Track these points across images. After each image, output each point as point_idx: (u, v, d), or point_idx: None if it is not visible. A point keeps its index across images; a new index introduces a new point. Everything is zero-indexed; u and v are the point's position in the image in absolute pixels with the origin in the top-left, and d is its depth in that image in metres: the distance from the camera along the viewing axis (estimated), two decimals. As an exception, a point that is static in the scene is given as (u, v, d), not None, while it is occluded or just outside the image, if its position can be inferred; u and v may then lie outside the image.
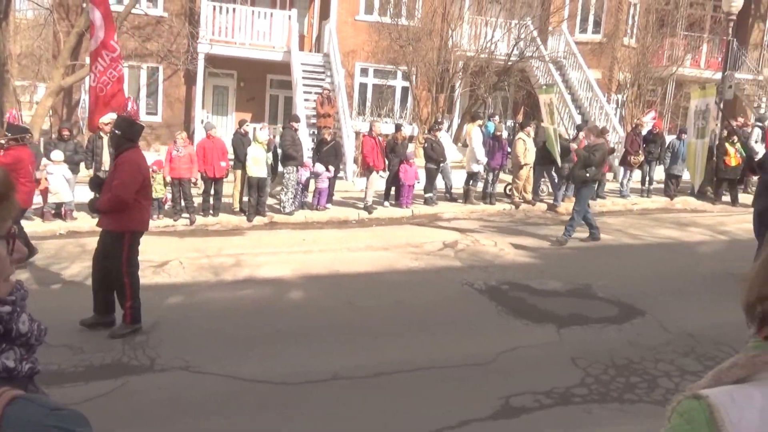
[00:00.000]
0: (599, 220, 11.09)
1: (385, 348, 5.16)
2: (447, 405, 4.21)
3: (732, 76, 14.05)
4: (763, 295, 1.02)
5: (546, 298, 6.62)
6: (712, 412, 0.96)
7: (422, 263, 7.96)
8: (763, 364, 1.00)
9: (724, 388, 1.01)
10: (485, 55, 15.74)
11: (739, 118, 15.50)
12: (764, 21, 21.51)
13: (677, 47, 18.91)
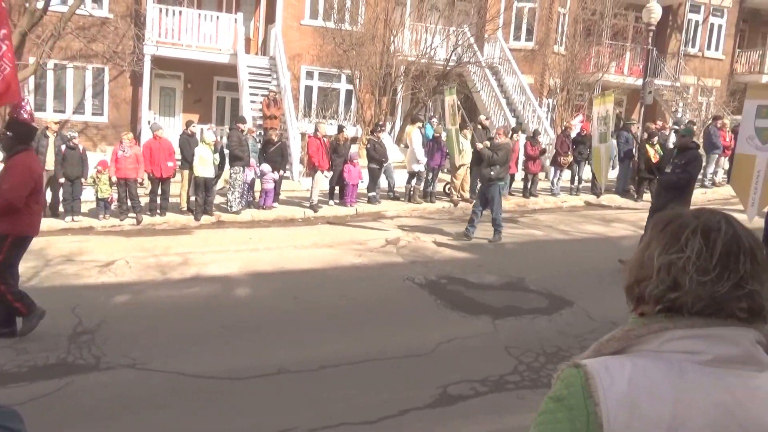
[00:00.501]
0: (532, 217, 11.77)
1: (330, 341, 5.36)
2: (388, 395, 4.38)
3: (652, 83, 15.11)
4: (639, 278, 1.12)
5: (482, 291, 6.97)
6: (587, 378, 1.06)
7: (366, 260, 8.30)
8: (636, 337, 1.11)
9: (601, 358, 1.12)
10: (425, 60, 16.26)
11: (657, 121, 16.57)
12: (681, 32, 22.98)
13: (603, 55, 19.97)
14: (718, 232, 1.08)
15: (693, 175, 7.44)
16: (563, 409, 1.08)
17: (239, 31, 16.28)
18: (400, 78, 16.99)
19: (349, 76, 16.83)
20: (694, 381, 1.04)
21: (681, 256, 1.07)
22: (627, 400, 1.03)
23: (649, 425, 1.02)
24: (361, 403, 4.30)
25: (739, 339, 1.06)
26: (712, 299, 1.05)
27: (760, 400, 1.04)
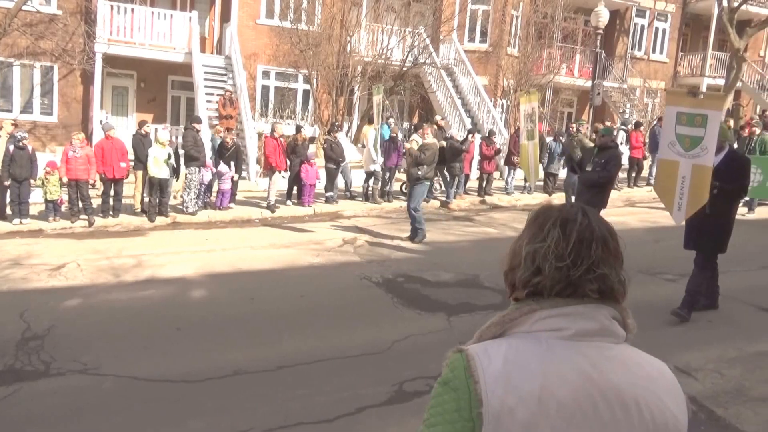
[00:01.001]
0: (487, 215, 12.01)
1: (287, 341, 5.38)
2: (345, 393, 4.43)
3: (600, 84, 15.60)
4: (512, 266, 1.27)
5: (438, 288, 7.08)
6: (468, 360, 1.18)
7: (323, 259, 8.34)
8: (511, 320, 1.23)
9: (483, 342, 1.24)
10: (382, 61, 16.37)
11: (606, 121, 17.11)
12: (628, 35, 23.77)
13: (554, 57, 20.51)
14: (574, 223, 1.22)
15: (612, 173, 7.56)
16: (449, 391, 1.19)
17: (194, 30, 16.06)
18: (357, 78, 17.06)
19: (306, 76, 16.81)
20: (559, 354, 1.17)
21: (543, 245, 1.22)
22: (502, 376, 1.15)
23: (522, 396, 1.13)
24: (318, 402, 4.34)
25: (595, 315, 1.20)
26: (568, 282, 1.19)
27: (615, 368, 1.17)
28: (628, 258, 1.24)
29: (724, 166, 5.91)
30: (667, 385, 1.21)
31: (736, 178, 5.90)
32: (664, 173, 6.38)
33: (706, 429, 3.97)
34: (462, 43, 19.68)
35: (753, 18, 22.86)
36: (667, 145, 6.24)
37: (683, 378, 4.69)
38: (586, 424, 1.13)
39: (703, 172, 5.87)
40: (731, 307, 6.51)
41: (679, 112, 6.06)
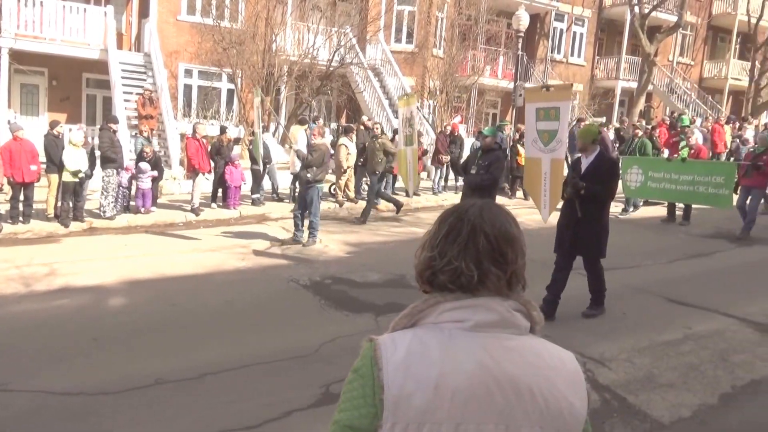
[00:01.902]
0: (414, 215, 12.16)
1: (211, 348, 5.26)
2: (271, 398, 4.36)
3: (522, 86, 16.09)
4: (420, 260, 1.36)
5: (366, 289, 7.10)
6: (375, 350, 1.25)
7: (250, 263, 8.20)
8: (419, 312, 1.30)
9: (393, 333, 1.30)
10: (308, 60, 16.25)
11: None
12: (547, 39, 24.70)
13: (478, 59, 21.02)
14: (463, 221, 1.30)
15: (496, 175, 7.41)
16: (358, 378, 1.26)
17: (110, 25, 15.38)
18: (283, 78, 16.86)
19: (230, 75, 16.45)
20: (460, 344, 1.23)
21: (439, 240, 1.31)
22: (403, 364, 1.21)
23: (419, 383, 1.19)
24: (243, 408, 4.26)
25: (496, 307, 1.26)
26: (458, 275, 1.27)
27: (513, 357, 1.23)
28: (550, 252, 1.31)
29: (593, 168, 5.87)
30: (567, 374, 1.26)
31: (604, 180, 5.83)
32: (531, 172, 6.36)
33: (619, 416, 4.16)
34: (388, 44, 19.84)
35: (662, 24, 24.23)
36: (531, 143, 6.24)
37: (598, 368, 4.91)
38: (480, 410, 1.19)
39: (558, 166, 5.91)
40: (643, 299, 6.89)
41: (538, 108, 6.06)
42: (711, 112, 25.22)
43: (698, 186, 10.07)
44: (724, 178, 9.82)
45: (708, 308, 6.54)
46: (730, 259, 9.00)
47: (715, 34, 30.18)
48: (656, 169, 10.74)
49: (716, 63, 29.70)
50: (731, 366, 5.03)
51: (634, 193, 11.48)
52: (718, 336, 5.72)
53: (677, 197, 10.78)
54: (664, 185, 10.60)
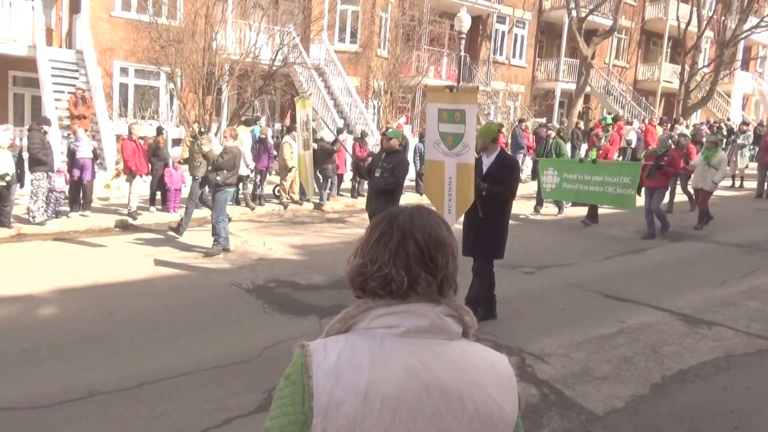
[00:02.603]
0: (360, 217, 12.16)
1: (149, 356, 5.12)
2: (212, 405, 4.28)
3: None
4: (352, 266, 1.35)
5: (310, 292, 7.05)
6: (307, 356, 1.24)
7: (191, 268, 8.01)
8: (352, 317, 1.29)
9: (325, 338, 1.29)
10: (250, 59, 16.00)
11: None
12: (490, 40, 25.17)
13: (422, 59, 21.22)
14: (394, 227, 1.30)
15: (400, 178, 7.04)
16: (289, 384, 1.25)
17: (38, 21, 14.67)
18: (225, 77, 16.54)
19: (169, 73, 16.01)
20: (390, 350, 1.22)
21: (370, 247, 1.30)
22: (333, 371, 1.21)
23: (348, 390, 1.19)
24: (182, 417, 4.16)
25: (426, 312, 1.26)
26: (389, 281, 1.26)
27: (442, 363, 1.23)
28: None
29: (494, 168, 5.76)
30: (498, 378, 1.28)
31: (505, 180, 5.72)
32: (432, 175, 6.07)
33: (556, 410, 4.27)
34: (332, 44, 19.77)
35: (599, 28, 25.08)
36: (432, 145, 5.97)
37: (538, 364, 5.04)
38: (409, 417, 1.19)
39: (467, 171, 5.66)
40: (580, 295, 7.11)
41: (440, 108, 5.79)
42: (645, 113, 26.27)
43: (607, 187, 10.27)
44: (630, 178, 10.03)
45: (640, 302, 6.80)
46: (662, 254, 9.38)
47: (648, 38, 31.46)
48: (570, 171, 10.89)
49: (649, 66, 30.96)
50: (661, 357, 5.24)
51: (550, 194, 11.56)
52: (649, 329, 5.95)
53: (589, 198, 10.86)
54: (578, 186, 10.76)
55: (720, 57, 25.46)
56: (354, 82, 19.91)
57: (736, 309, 6.62)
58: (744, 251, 9.53)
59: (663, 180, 10.37)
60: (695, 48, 26.51)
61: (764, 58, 35.11)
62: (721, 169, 11.17)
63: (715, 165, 11.07)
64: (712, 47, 29.85)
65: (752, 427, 4.12)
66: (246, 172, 12.23)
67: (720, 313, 6.47)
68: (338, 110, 18.21)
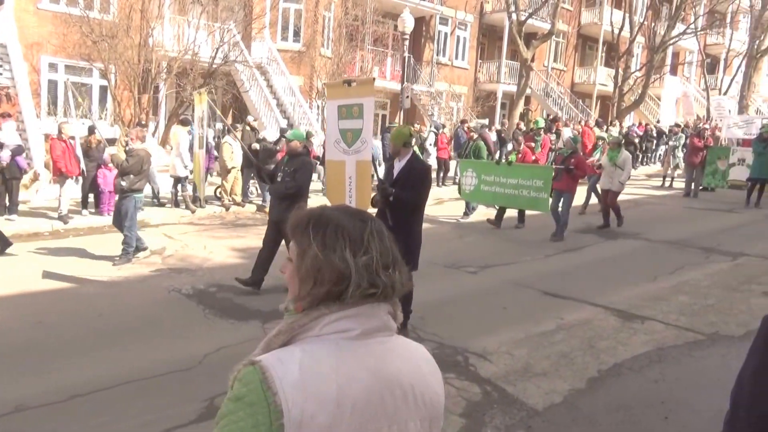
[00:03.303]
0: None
1: (82, 367, 4.90)
2: (150, 416, 4.14)
3: (409, 88, 16.45)
4: None
5: (252, 296, 6.92)
6: (264, 372, 1.16)
7: (127, 272, 7.71)
8: (300, 326, 1.24)
9: (274, 352, 1.22)
10: (189, 57, 15.61)
11: (414, 124, 18.12)
12: (434, 41, 25.44)
13: (366, 60, 21.24)
14: (325, 228, 1.26)
15: (302, 182, 6.67)
16: (244, 407, 1.15)
17: (-44, 13, 13.88)
18: (162, 75, 16.06)
19: (102, 70, 15.42)
20: (350, 355, 1.22)
21: (325, 251, 1.24)
22: (300, 384, 1.15)
23: (320, 401, 1.15)
24: (119, 429, 4.00)
25: (377, 313, 1.27)
26: (346, 283, 1.23)
27: (395, 359, 1.27)
28: (435, 253, 1.31)
29: (405, 173, 5.51)
30: (431, 366, 1.36)
31: (416, 186, 5.48)
32: (333, 176, 5.76)
33: (498, 406, 4.35)
34: (275, 42, 19.51)
35: (538, 31, 25.75)
36: (333, 144, 5.69)
37: (480, 362, 5.11)
38: (376, 418, 1.21)
39: (365, 168, 5.47)
40: (521, 293, 7.27)
41: (340, 105, 5.52)
42: (582, 115, 27.14)
43: (522, 190, 10.25)
44: (543, 181, 10.02)
45: (578, 299, 7.01)
46: (599, 252, 9.72)
47: (584, 43, 32.54)
48: (487, 173, 10.84)
49: (586, 69, 32.03)
50: (597, 352, 5.41)
51: (469, 196, 11.46)
52: (586, 325, 6.14)
53: (505, 201, 10.80)
54: (495, 189, 10.72)
55: (651, 62, 26.59)
56: (297, 82, 19.72)
57: (666, 304, 6.91)
58: (673, 248, 9.97)
59: (569, 182, 10.20)
60: (628, 53, 27.59)
61: (691, 63, 36.90)
62: (627, 168, 11.27)
63: (621, 165, 11.19)
64: (643, 52, 31.15)
65: (681, 415, 4.30)
66: (185, 174, 11.92)
67: (651, 307, 6.75)
68: (281, 110, 17.99)
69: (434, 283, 7.61)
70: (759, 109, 35.17)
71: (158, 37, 16.03)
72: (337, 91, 5.70)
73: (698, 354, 5.46)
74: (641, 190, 17.33)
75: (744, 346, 5.70)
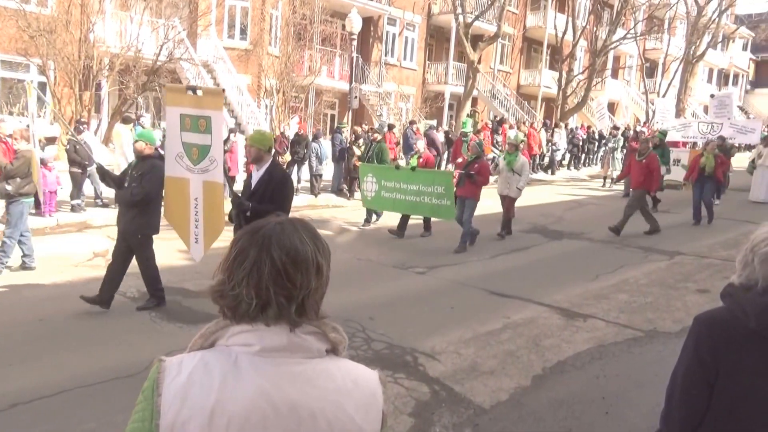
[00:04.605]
0: (252, 218, 11.90)
1: (22, 375, 4.75)
2: (94, 423, 4.08)
3: (357, 88, 16.49)
4: None
5: (200, 298, 6.72)
6: (159, 372, 1.23)
7: (69, 276, 7.49)
8: (211, 334, 1.28)
9: (183, 354, 1.27)
10: (132, 54, 15.20)
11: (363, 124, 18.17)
12: (382, 42, 25.56)
13: (315, 59, 21.16)
14: (252, 243, 1.25)
15: (149, 188, 5.93)
16: (142, 399, 1.25)
17: None
18: (104, 71, 15.58)
19: (41, 66, 14.84)
20: (242, 370, 1.21)
21: (230, 263, 1.26)
22: (182, 390, 1.20)
23: (195, 411, 1.18)
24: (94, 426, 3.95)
25: (281, 332, 1.23)
26: (239, 301, 1.23)
27: (297, 383, 1.21)
28: (387, 254, 1.30)
29: (262, 184, 5.04)
30: (360, 397, 1.26)
31: (275, 198, 5.02)
32: (173, 194, 5.08)
33: (446, 405, 4.45)
34: (221, 40, 19.21)
35: (484, 34, 26.21)
36: (174, 158, 4.93)
37: (429, 362, 5.22)
38: None
39: (215, 191, 4.86)
40: (468, 293, 7.43)
41: (183, 114, 4.76)
42: (528, 116, 27.81)
43: (423, 197, 9.75)
44: (444, 187, 9.55)
45: (523, 298, 7.22)
46: (544, 252, 10.02)
47: (529, 45, 33.34)
48: (388, 178, 10.21)
49: (531, 72, 32.84)
50: (542, 350, 5.61)
51: (370, 203, 10.72)
52: (531, 323, 6.35)
53: (407, 209, 10.17)
54: (396, 195, 10.10)
55: (593, 65, 27.50)
56: (245, 80, 19.47)
57: (607, 302, 7.20)
58: (614, 247, 10.38)
59: (473, 189, 9.61)
60: (571, 56, 28.43)
61: (631, 67, 38.35)
62: (524, 174, 10.63)
63: (518, 170, 10.54)
64: (586, 56, 32.16)
65: (621, 409, 4.50)
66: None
67: (593, 306, 7.02)
68: (229, 109, 17.73)
69: (383, 283, 7.72)
70: (695, 112, 36.91)
71: (99, 32, 15.54)
72: (178, 98, 4.90)
73: (637, 350, 5.72)
74: (583, 191, 17.94)
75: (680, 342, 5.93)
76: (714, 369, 1.78)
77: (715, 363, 1.78)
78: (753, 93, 51.18)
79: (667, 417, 1.92)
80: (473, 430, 4.14)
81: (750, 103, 49.74)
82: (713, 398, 1.80)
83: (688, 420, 1.85)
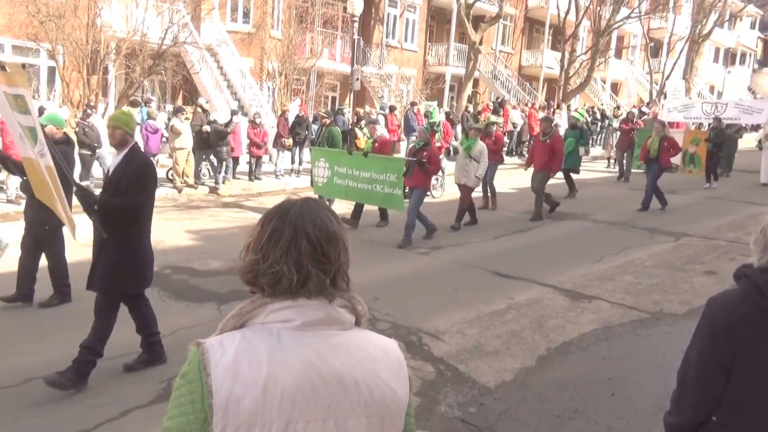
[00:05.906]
0: (257, 200, 12.00)
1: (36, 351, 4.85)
2: (107, 398, 4.19)
3: (359, 70, 16.42)
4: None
5: (207, 278, 6.93)
6: (203, 354, 1.25)
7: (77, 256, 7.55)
8: (247, 313, 1.31)
9: (220, 335, 1.30)
10: (138, 38, 15.18)
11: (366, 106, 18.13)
12: (383, 24, 25.37)
13: (316, 42, 21.04)
14: (285, 223, 1.30)
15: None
16: (186, 383, 1.26)
17: None
18: (111, 56, 15.58)
19: (50, 51, 14.87)
20: (287, 344, 1.26)
21: (263, 244, 1.31)
22: (231, 367, 1.23)
23: (248, 386, 1.22)
24: (76, 411, 4.02)
25: (320, 306, 1.30)
26: (279, 278, 1.28)
27: (337, 353, 1.29)
28: (390, 235, 1.34)
29: (119, 172, 4.36)
30: (390, 364, 1.35)
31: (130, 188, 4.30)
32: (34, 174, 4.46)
33: (451, 385, 4.52)
34: (224, 23, 19.13)
35: (486, 14, 25.98)
36: (19, 139, 4.35)
37: (433, 342, 5.28)
38: (308, 407, 1.25)
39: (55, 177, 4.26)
40: (472, 274, 7.48)
41: (6, 92, 4.10)
42: (529, 97, 27.67)
43: (375, 185, 9.08)
44: (396, 176, 8.87)
45: (527, 279, 7.26)
46: (546, 233, 10.03)
47: (531, 26, 33.03)
48: (340, 164, 9.53)
49: (533, 53, 32.56)
50: (546, 330, 5.64)
51: (321, 190, 9.90)
52: (535, 304, 6.38)
53: (358, 197, 9.49)
54: (348, 182, 9.44)
55: (596, 45, 27.26)
56: (248, 63, 19.42)
57: (612, 283, 7.20)
58: (619, 228, 10.39)
59: (422, 178, 8.95)
60: (574, 36, 28.17)
61: (635, 47, 38.00)
62: (483, 161, 9.75)
63: (476, 157, 9.72)
64: (589, 36, 31.87)
65: (628, 391, 4.50)
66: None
67: (598, 287, 7.02)
68: (232, 92, 17.72)
69: (387, 264, 7.78)
70: (701, 92, 36.61)
71: (106, 17, 15.51)
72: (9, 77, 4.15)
73: (643, 332, 5.72)
74: (587, 173, 17.91)
75: (687, 324, 6.00)
76: (731, 353, 1.73)
77: (731, 346, 1.73)
78: (761, 72, 50.31)
79: (679, 401, 1.89)
80: (478, 409, 4.18)
81: (757, 83, 49.16)
82: (730, 382, 1.76)
83: (702, 404, 1.82)
